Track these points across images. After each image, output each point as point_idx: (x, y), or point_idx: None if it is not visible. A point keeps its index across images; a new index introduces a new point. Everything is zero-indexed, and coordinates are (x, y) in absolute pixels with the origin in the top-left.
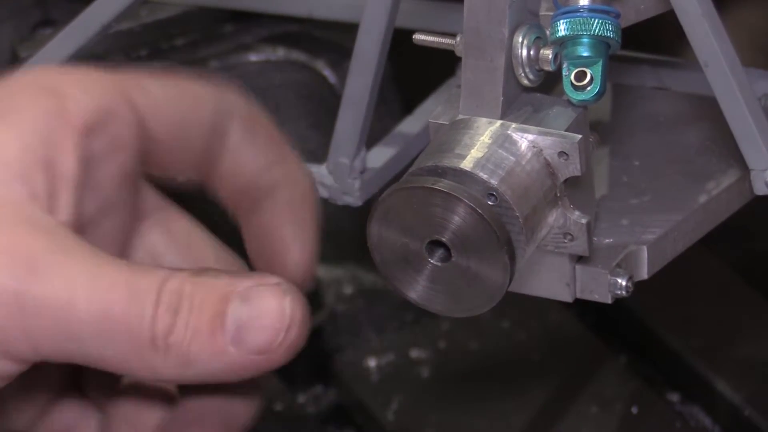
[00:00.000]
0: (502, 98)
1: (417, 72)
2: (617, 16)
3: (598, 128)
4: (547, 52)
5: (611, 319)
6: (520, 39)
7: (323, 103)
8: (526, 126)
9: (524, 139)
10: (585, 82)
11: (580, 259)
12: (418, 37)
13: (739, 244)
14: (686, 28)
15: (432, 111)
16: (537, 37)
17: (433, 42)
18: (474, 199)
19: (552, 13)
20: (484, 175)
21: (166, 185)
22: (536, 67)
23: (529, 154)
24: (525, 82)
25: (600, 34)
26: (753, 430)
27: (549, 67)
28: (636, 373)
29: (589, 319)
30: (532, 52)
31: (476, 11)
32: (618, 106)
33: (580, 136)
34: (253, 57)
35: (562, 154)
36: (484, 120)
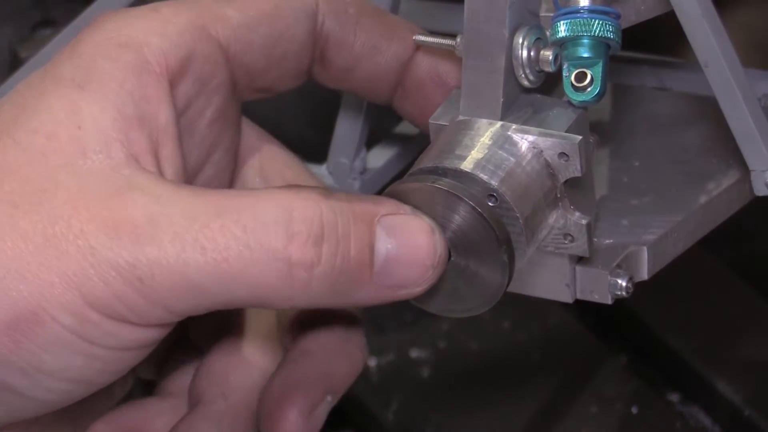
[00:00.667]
0: (502, 99)
1: None
2: (617, 17)
3: (598, 129)
4: (548, 53)
5: (611, 319)
6: (521, 40)
7: (323, 103)
8: (526, 127)
9: (524, 140)
10: (585, 83)
11: (580, 259)
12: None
13: (739, 245)
14: (686, 29)
15: (432, 111)
16: (537, 38)
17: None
18: (474, 198)
19: (552, 14)
20: (484, 176)
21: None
22: (536, 68)
23: (529, 155)
24: (525, 83)
25: (600, 35)
26: (753, 430)
27: (549, 68)
28: (636, 373)
29: (589, 320)
30: (532, 53)
31: (476, 12)
32: (618, 107)
33: (580, 137)
34: None
35: (562, 155)
36: (484, 121)
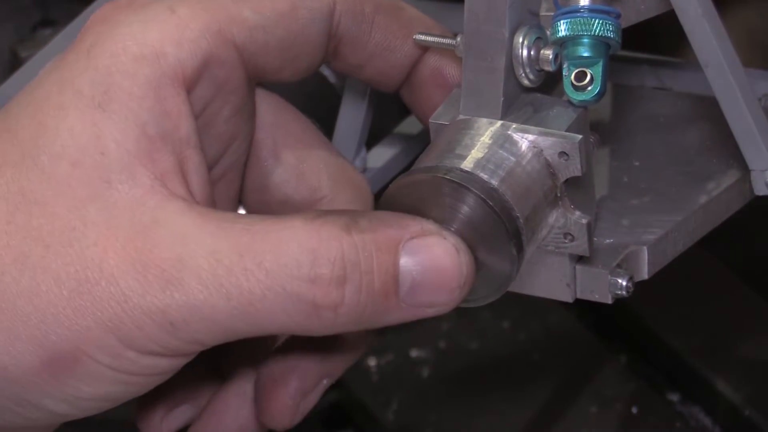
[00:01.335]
0: (502, 98)
1: None
2: (618, 16)
3: (598, 129)
4: (548, 53)
5: (611, 319)
6: (521, 39)
7: (323, 103)
8: (526, 126)
9: (525, 140)
10: (585, 82)
11: (580, 259)
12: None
13: (739, 245)
14: (686, 29)
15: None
16: (537, 38)
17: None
18: (483, 189)
19: (552, 14)
20: (484, 176)
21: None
22: (536, 68)
23: (529, 155)
24: (525, 82)
25: (600, 34)
26: (753, 430)
27: (549, 68)
28: (636, 373)
29: (589, 319)
30: (532, 53)
31: (476, 12)
32: (618, 107)
33: (580, 137)
34: None
35: (562, 154)
36: (484, 120)
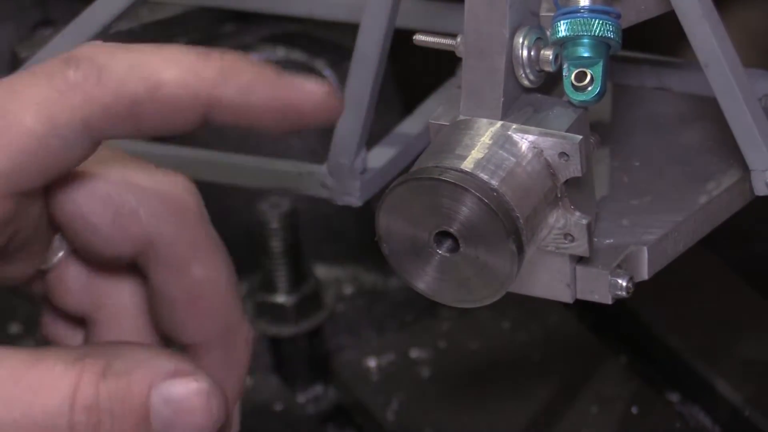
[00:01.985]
0: (502, 99)
1: (417, 72)
2: (618, 16)
3: (598, 129)
4: (548, 53)
5: (611, 319)
6: (521, 40)
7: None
8: (526, 127)
9: (525, 140)
10: (585, 82)
11: (580, 259)
12: (418, 37)
13: (739, 245)
14: (686, 29)
15: (432, 111)
16: (537, 38)
17: (434, 42)
18: (481, 189)
19: (552, 14)
20: (484, 176)
21: None
22: (537, 68)
23: (529, 155)
24: (525, 82)
25: (600, 34)
26: (753, 430)
27: (549, 68)
28: (636, 373)
29: (589, 320)
30: (532, 53)
31: (477, 12)
32: (618, 107)
33: (580, 137)
34: (253, 57)
35: (562, 154)
36: (484, 121)
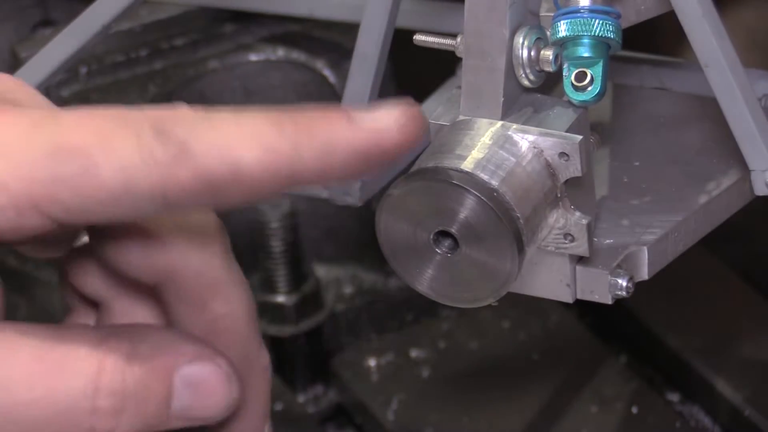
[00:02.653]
0: (502, 99)
1: (417, 72)
2: (618, 16)
3: (598, 129)
4: (548, 53)
5: (611, 319)
6: (521, 40)
7: (323, 103)
8: (526, 127)
9: (525, 140)
10: (585, 82)
11: (580, 259)
12: (418, 37)
13: (739, 245)
14: (686, 29)
15: (432, 111)
16: (538, 38)
17: (434, 43)
18: (481, 189)
19: (552, 14)
20: (484, 176)
21: None
22: (537, 68)
23: (529, 155)
24: (525, 82)
25: (601, 34)
26: (753, 430)
27: (550, 68)
28: (636, 373)
29: (589, 319)
30: (532, 53)
31: (477, 12)
32: (618, 107)
33: (580, 137)
34: (253, 57)
35: (562, 155)
36: (484, 121)
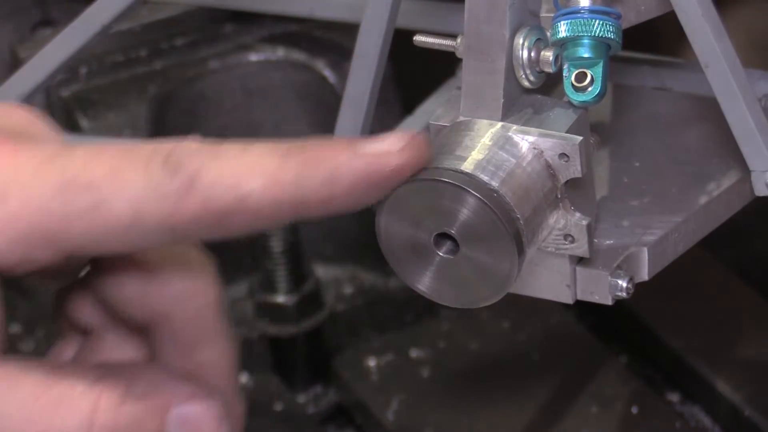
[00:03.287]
0: (502, 100)
1: (417, 72)
2: (618, 17)
3: (598, 129)
4: (548, 54)
5: (611, 320)
6: (521, 40)
7: (323, 103)
8: (526, 128)
9: (525, 141)
10: (585, 83)
11: (580, 260)
12: (418, 38)
13: (739, 245)
14: (687, 29)
15: (432, 112)
16: (538, 39)
17: (434, 43)
18: (481, 190)
19: (553, 15)
20: (484, 177)
21: None
22: (537, 69)
23: (529, 156)
24: (526, 83)
25: (601, 35)
26: (753, 430)
27: (550, 69)
28: (636, 373)
29: (589, 320)
30: (532, 54)
31: (477, 12)
32: (619, 107)
33: (580, 138)
34: (253, 57)
35: (562, 155)
36: (484, 122)
